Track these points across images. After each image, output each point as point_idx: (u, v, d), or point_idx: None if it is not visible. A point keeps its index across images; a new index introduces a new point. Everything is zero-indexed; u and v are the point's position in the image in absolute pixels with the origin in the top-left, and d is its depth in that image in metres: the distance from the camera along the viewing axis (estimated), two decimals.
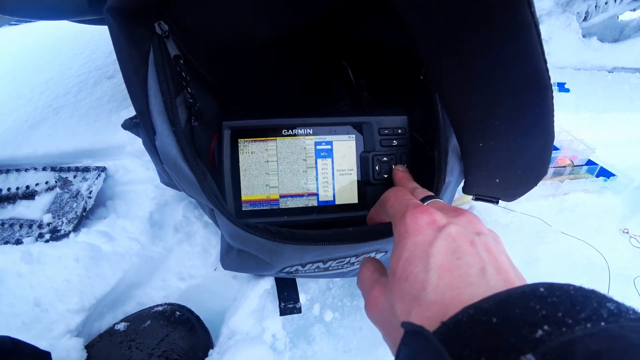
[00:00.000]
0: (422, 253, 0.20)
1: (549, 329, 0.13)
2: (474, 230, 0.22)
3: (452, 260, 0.20)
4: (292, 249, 0.32)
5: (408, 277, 0.20)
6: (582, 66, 1.20)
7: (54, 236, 0.54)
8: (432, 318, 0.18)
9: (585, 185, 0.76)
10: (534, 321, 0.14)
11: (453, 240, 0.21)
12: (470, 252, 0.20)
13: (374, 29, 0.45)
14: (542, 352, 0.13)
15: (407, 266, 0.20)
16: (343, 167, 0.38)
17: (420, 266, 0.20)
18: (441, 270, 0.19)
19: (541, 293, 0.15)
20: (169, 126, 0.30)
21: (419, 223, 0.22)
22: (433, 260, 0.20)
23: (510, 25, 0.22)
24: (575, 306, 0.14)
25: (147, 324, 0.44)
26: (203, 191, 0.30)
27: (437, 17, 0.24)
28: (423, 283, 0.19)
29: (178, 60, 0.34)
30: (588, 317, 0.14)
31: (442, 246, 0.20)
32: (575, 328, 0.13)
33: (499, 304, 0.16)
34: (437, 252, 0.20)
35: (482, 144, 0.29)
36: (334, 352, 0.50)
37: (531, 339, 0.13)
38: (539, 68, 0.22)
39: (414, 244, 0.21)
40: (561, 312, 0.14)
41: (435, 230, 0.21)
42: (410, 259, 0.21)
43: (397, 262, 0.21)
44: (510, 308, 0.15)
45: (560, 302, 0.15)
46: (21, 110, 0.75)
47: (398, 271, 0.21)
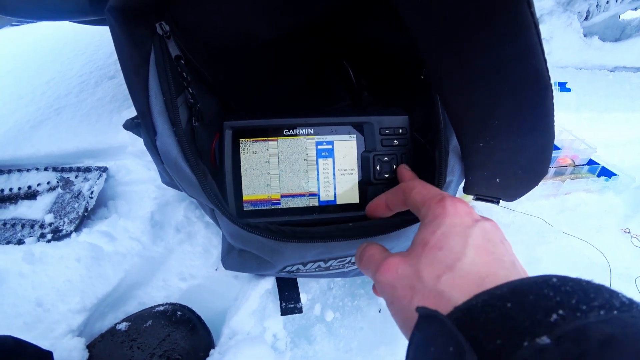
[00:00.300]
0: (460, 231, 0.21)
1: (563, 314, 0.14)
2: (501, 235, 0.23)
3: (488, 246, 0.21)
4: (293, 247, 0.32)
5: (443, 247, 0.21)
6: (583, 65, 1.20)
7: (56, 236, 0.55)
8: (466, 285, 0.18)
9: (586, 184, 0.76)
10: (548, 306, 0.14)
11: (487, 233, 0.22)
12: (501, 248, 0.21)
13: (374, 28, 0.45)
14: (557, 335, 0.13)
15: (443, 238, 0.21)
16: (344, 167, 0.38)
17: (457, 240, 0.21)
18: (479, 249, 0.20)
19: (554, 282, 0.16)
20: (170, 126, 0.30)
21: (458, 209, 0.23)
22: (472, 239, 0.21)
23: (510, 25, 0.22)
24: (589, 294, 0.15)
25: (148, 323, 0.44)
26: (204, 191, 0.30)
27: (437, 17, 0.24)
28: (460, 254, 0.20)
29: (179, 61, 0.34)
30: (601, 305, 0.14)
31: (479, 233, 0.21)
32: (589, 314, 0.14)
33: (513, 290, 0.16)
34: (475, 234, 0.21)
35: (482, 144, 0.29)
36: (335, 352, 0.50)
37: (546, 323, 0.14)
38: (539, 68, 0.22)
39: (452, 223, 0.22)
40: (575, 300, 0.14)
41: (473, 219, 0.22)
42: (447, 234, 0.21)
43: (432, 234, 0.22)
44: (524, 294, 0.15)
45: (573, 291, 0.15)
46: (23, 110, 0.75)
47: (432, 241, 0.21)
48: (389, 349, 0.50)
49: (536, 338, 0.13)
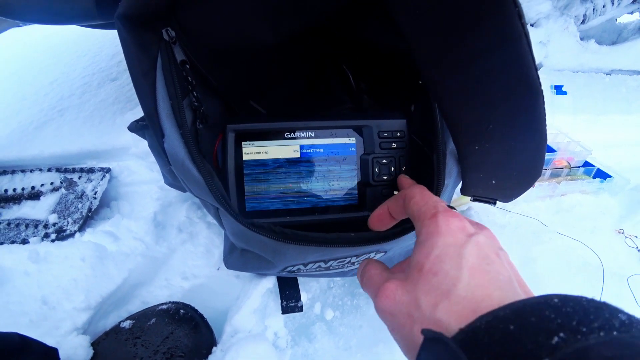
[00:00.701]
0: (454, 252, 0.21)
1: (564, 336, 0.14)
2: (497, 245, 0.23)
3: (483, 265, 0.20)
4: (295, 249, 0.33)
5: (438, 273, 0.21)
6: (580, 69, 1.21)
7: (60, 236, 0.55)
8: (462, 312, 0.18)
9: (582, 186, 0.77)
10: (550, 329, 0.15)
11: (482, 247, 0.21)
12: (497, 262, 0.21)
13: (374, 31, 0.46)
14: (558, 358, 0.13)
15: (438, 262, 0.21)
16: (344, 169, 0.39)
17: (451, 264, 0.20)
18: (473, 271, 0.20)
19: (555, 303, 0.16)
20: (177, 129, 0.31)
21: (450, 226, 0.23)
22: (465, 261, 0.20)
23: (502, 35, 0.23)
24: (589, 315, 0.15)
25: (152, 321, 0.45)
26: (210, 191, 0.31)
27: (429, 25, 0.25)
28: (454, 279, 0.20)
29: (184, 65, 0.35)
30: (601, 327, 0.14)
31: (473, 250, 0.21)
32: (590, 336, 0.14)
33: (516, 312, 0.16)
34: (469, 254, 0.21)
35: (477, 147, 0.30)
36: (335, 350, 0.51)
37: (548, 345, 0.14)
38: (530, 75, 0.23)
39: (446, 243, 0.22)
40: (575, 321, 0.15)
41: (466, 235, 0.22)
42: (441, 257, 0.21)
43: (427, 257, 0.22)
44: (526, 316, 0.16)
45: (574, 312, 0.15)
46: (26, 111, 0.76)
47: (427, 265, 0.21)
48: (388, 347, 0.51)
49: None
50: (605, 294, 0.57)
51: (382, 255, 0.39)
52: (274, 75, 0.52)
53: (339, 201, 0.40)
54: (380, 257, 0.40)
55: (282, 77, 0.53)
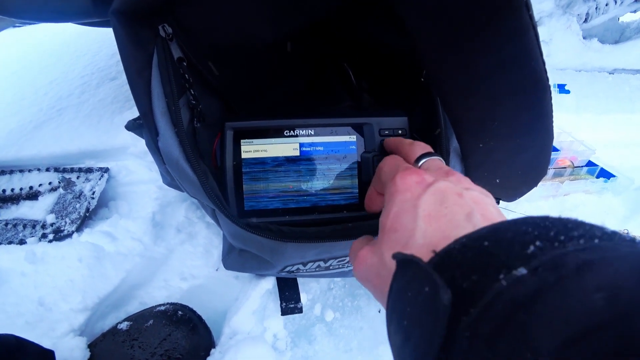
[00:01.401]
0: (410, 206, 0.21)
1: (540, 245, 0.13)
2: (463, 186, 0.22)
3: (440, 209, 0.20)
4: (293, 247, 0.32)
5: (397, 228, 0.21)
6: (582, 67, 1.21)
7: (58, 236, 0.55)
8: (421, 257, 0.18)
9: (585, 186, 0.76)
10: (526, 240, 0.14)
11: (441, 192, 0.21)
12: (457, 202, 0.20)
13: (374, 29, 0.46)
14: (533, 266, 0.13)
15: (396, 219, 0.21)
16: (344, 168, 0.39)
17: (408, 217, 0.20)
18: (429, 219, 0.20)
19: (534, 220, 0.15)
20: (172, 127, 0.30)
21: (407, 182, 0.23)
22: (421, 210, 0.20)
23: (510, 28, 0.22)
24: (568, 225, 0.14)
25: (149, 323, 0.45)
26: (205, 191, 0.30)
27: (438, 19, 0.24)
28: (412, 231, 0.20)
29: (181, 63, 0.34)
30: (581, 235, 0.14)
31: (430, 198, 0.21)
32: (568, 244, 0.13)
33: (492, 230, 0.16)
34: (424, 203, 0.20)
35: (482, 145, 0.30)
36: (335, 352, 0.50)
37: (523, 255, 0.13)
38: (538, 70, 0.23)
39: (403, 199, 0.22)
40: (553, 232, 0.14)
41: (424, 187, 0.22)
42: (399, 212, 0.21)
43: (387, 217, 0.22)
44: (502, 232, 0.15)
45: (552, 225, 0.14)
46: (25, 111, 0.75)
47: (387, 224, 0.21)
48: (389, 348, 0.50)
49: (512, 270, 0.13)
50: None
51: None
52: (274, 73, 0.52)
53: (339, 200, 0.39)
54: None
55: (282, 75, 0.53)
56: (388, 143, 0.37)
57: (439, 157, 0.27)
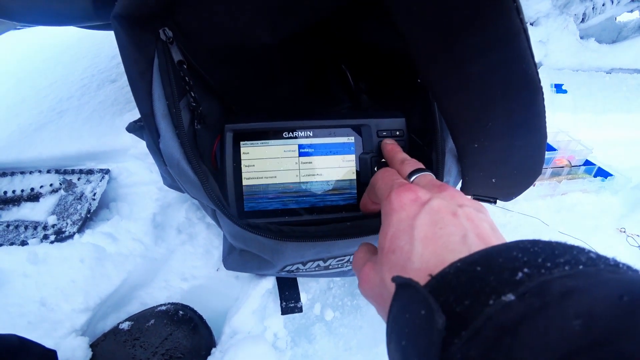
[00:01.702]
0: (406, 227, 0.21)
1: (528, 271, 0.14)
2: (457, 203, 0.22)
3: (435, 231, 0.20)
4: (292, 246, 0.33)
5: (395, 250, 0.21)
6: (580, 67, 1.21)
7: (59, 237, 0.55)
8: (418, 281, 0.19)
9: (583, 185, 0.77)
10: (515, 266, 0.15)
11: (436, 212, 0.21)
12: (452, 222, 0.21)
13: (374, 30, 0.46)
14: (521, 292, 0.13)
15: (394, 240, 0.21)
16: (343, 169, 0.39)
17: (405, 239, 0.21)
18: (425, 241, 0.20)
19: (524, 245, 0.16)
20: (173, 129, 0.30)
21: (402, 200, 0.23)
22: (417, 232, 0.21)
23: (501, 31, 0.22)
24: (555, 251, 0.15)
25: (150, 323, 0.45)
26: (205, 192, 0.31)
27: (429, 23, 0.25)
28: (409, 254, 0.20)
29: (181, 65, 0.35)
30: (567, 262, 0.14)
31: (425, 219, 0.21)
32: (554, 270, 0.14)
33: (484, 256, 0.16)
34: (420, 225, 0.21)
35: (477, 145, 0.30)
36: (335, 351, 0.51)
37: (511, 281, 0.14)
38: (529, 71, 0.23)
39: (399, 219, 0.22)
40: (541, 259, 0.15)
41: (419, 205, 0.22)
42: (396, 234, 0.22)
43: (385, 238, 0.22)
44: (494, 258, 0.16)
45: (542, 251, 0.15)
46: (26, 113, 0.76)
47: (386, 245, 0.22)
48: None
49: (502, 296, 0.14)
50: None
51: None
52: (273, 75, 0.52)
53: (338, 200, 0.39)
54: None
55: (281, 77, 0.53)
56: (384, 148, 0.37)
57: (430, 173, 0.28)
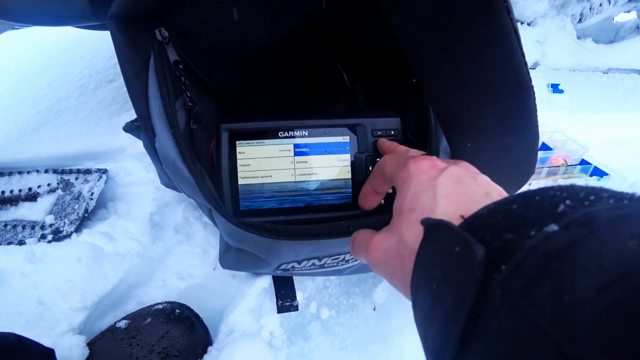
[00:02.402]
0: (427, 186, 0.21)
1: (571, 204, 0.13)
2: (474, 171, 0.23)
3: (458, 188, 0.20)
4: (288, 245, 0.33)
5: (416, 208, 0.21)
6: (577, 67, 1.21)
7: (57, 237, 0.56)
8: None
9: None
10: (555, 201, 0.14)
11: (456, 176, 0.21)
12: (473, 183, 0.21)
13: (373, 30, 0.47)
14: (565, 222, 0.13)
15: (414, 199, 0.21)
16: (338, 168, 0.40)
17: (426, 197, 0.20)
18: (449, 197, 0.20)
19: (560, 186, 0.15)
20: (169, 129, 0.31)
21: (421, 167, 0.23)
22: (439, 190, 0.20)
23: (492, 32, 0.23)
24: (596, 189, 0.14)
25: (147, 321, 0.45)
26: (201, 192, 0.31)
27: (422, 24, 0.25)
28: (431, 208, 0.20)
29: (177, 65, 0.35)
30: (610, 196, 0.14)
31: (446, 180, 0.21)
32: (598, 203, 0.13)
33: (519, 195, 0.16)
34: (442, 183, 0.21)
35: (470, 144, 0.31)
36: (331, 349, 0.51)
37: (554, 213, 0.13)
38: (520, 71, 0.24)
39: (418, 181, 0.22)
40: (583, 193, 0.14)
41: (438, 170, 0.22)
42: (417, 193, 0.21)
43: (404, 199, 0.22)
44: (530, 195, 0.15)
45: (581, 189, 0.15)
46: (24, 113, 0.76)
47: (405, 206, 0.21)
48: (383, 345, 0.51)
49: (544, 227, 0.13)
50: None
51: None
52: (269, 75, 0.52)
53: (333, 199, 0.40)
54: None
55: (277, 76, 0.53)
56: (382, 145, 0.37)
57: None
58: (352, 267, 0.44)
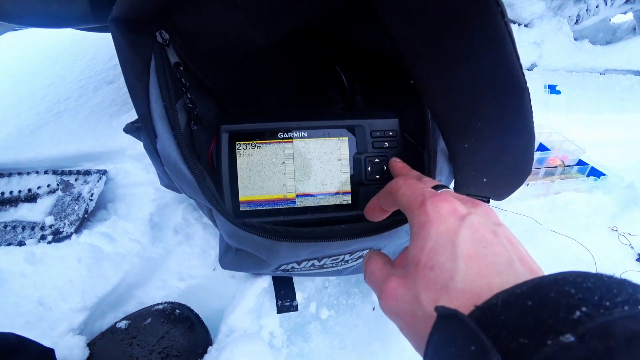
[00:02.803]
0: (447, 241, 0.20)
1: (587, 311, 0.13)
2: (493, 221, 0.22)
3: (479, 249, 0.19)
4: (287, 246, 0.33)
5: (434, 266, 0.20)
6: (574, 68, 1.22)
7: (56, 238, 0.56)
8: (463, 306, 0.18)
9: (576, 184, 0.78)
10: (571, 304, 0.14)
11: (476, 229, 0.20)
12: (495, 242, 0.20)
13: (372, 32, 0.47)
14: (581, 332, 0.13)
15: (433, 255, 0.20)
16: (337, 169, 0.40)
17: (446, 255, 0.20)
18: (469, 259, 0.19)
19: (575, 279, 0.15)
20: (170, 130, 0.31)
21: (440, 212, 0.22)
22: (460, 249, 0.19)
23: (487, 35, 0.23)
24: (612, 290, 0.14)
25: (147, 321, 0.45)
26: (202, 192, 0.31)
27: (419, 27, 0.25)
28: (451, 272, 0.19)
29: (178, 67, 0.35)
30: (625, 301, 0.14)
31: (467, 235, 0.20)
32: (614, 310, 0.13)
33: (533, 289, 0.16)
34: (463, 241, 0.20)
35: (467, 145, 0.31)
36: (330, 349, 0.51)
37: (569, 320, 0.13)
38: (515, 73, 0.24)
39: (438, 232, 0.21)
40: (597, 296, 0.14)
41: (458, 219, 0.21)
42: (435, 248, 0.20)
43: (421, 251, 0.21)
44: (545, 292, 0.15)
45: (595, 287, 0.15)
46: (23, 114, 0.76)
47: (422, 260, 0.20)
48: (382, 345, 0.51)
49: (560, 336, 0.13)
50: None
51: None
52: (268, 76, 0.53)
53: (332, 200, 0.40)
54: None
55: (276, 78, 0.54)
56: (394, 167, 0.36)
57: (450, 189, 0.27)
58: (351, 267, 0.44)
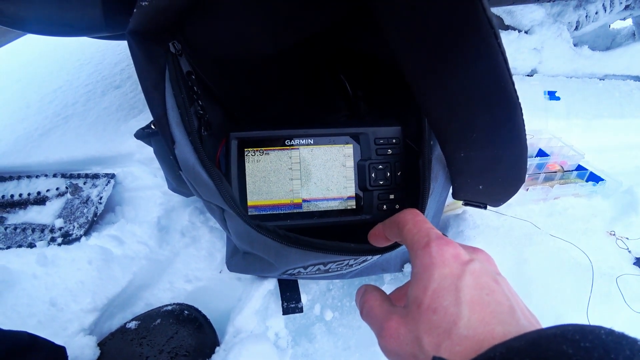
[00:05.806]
0: (450, 286, 0.20)
1: None
2: (494, 270, 0.22)
3: (482, 297, 0.20)
4: (297, 252, 0.34)
5: (437, 309, 0.20)
6: (573, 74, 1.23)
7: (66, 240, 0.57)
8: (464, 353, 0.18)
9: (575, 189, 0.79)
10: None
11: (479, 276, 0.21)
12: (497, 290, 0.20)
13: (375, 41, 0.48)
14: None
15: (436, 298, 0.20)
16: (342, 175, 0.41)
17: (450, 299, 0.20)
18: (472, 305, 0.19)
19: (573, 337, 0.15)
20: (187, 136, 0.32)
21: (444, 255, 0.22)
22: (463, 295, 0.20)
23: (479, 52, 0.24)
24: (610, 353, 0.14)
25: (157, 322, 0.47)
26: (220, 194, 0.33)
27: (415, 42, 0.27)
28: (454, 317, 0.19)
29: (190, 76, 0.37)
30: None
31: (470, 281, 0.20)
32: None
33: (531, 345, 0.16)
34: (466, 287, 0.20)
35: (463, 154, 0.32)
36: (334, 350, 0.53)
37: None
38: (507, 89, 0.25)
39: (441, 275, 0.21)
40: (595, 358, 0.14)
41: (461, 264, 0.22)
42: (439, 291, 0.21)
43: (424, 293, 0.21)
44: (542, 350, 0.15)
45: (593, 347, 0.15)
46: (31, 118, 0.77)
47: (425, 302, 0.21)
48: None
49: None
50: (594, 294, 0.58)
51: (378, 257, 0.40)
52: (275, 84, 0.54)
53: (337, 206, 0.41)
54: (376, 258, 0.41)
55: (282, 86, 0.55)
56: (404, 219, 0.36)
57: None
58: (355, 270, 0.46)
